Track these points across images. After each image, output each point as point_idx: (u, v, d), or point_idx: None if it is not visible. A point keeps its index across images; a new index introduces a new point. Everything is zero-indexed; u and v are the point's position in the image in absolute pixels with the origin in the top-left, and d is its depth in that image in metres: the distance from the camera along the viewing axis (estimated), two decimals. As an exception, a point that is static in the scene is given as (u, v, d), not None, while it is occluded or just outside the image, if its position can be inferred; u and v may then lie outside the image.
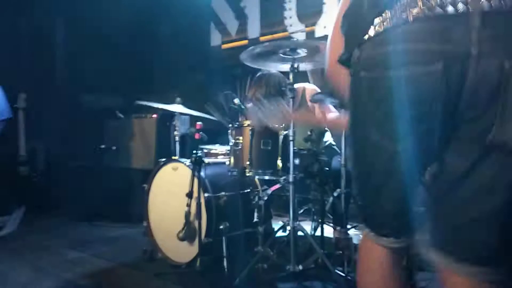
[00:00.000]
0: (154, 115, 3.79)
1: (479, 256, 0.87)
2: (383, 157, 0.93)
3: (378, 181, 0.97)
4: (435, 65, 0.79)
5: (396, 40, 0.85)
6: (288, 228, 2.21)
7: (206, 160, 2.54)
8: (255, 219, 2.40)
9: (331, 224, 2.73)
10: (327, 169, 2.36)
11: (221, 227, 2.32)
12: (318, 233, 2.46)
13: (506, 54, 0.76)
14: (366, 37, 0.90)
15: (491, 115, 0.78)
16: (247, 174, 2.27)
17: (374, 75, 0.90)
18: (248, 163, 2.25)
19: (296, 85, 2.91)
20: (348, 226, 2.42)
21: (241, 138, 2.30)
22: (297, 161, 2.24)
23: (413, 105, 0.84)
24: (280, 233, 2.43)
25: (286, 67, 2.26)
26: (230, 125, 2.38)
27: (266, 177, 2.32)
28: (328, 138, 3.06)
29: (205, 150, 2.99)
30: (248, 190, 2.56)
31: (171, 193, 2.54)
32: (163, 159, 2.64)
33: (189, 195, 2.28)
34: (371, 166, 0.97)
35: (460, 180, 0.85)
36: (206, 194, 2.35)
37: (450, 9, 0.79)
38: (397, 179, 0.92)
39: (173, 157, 2.62)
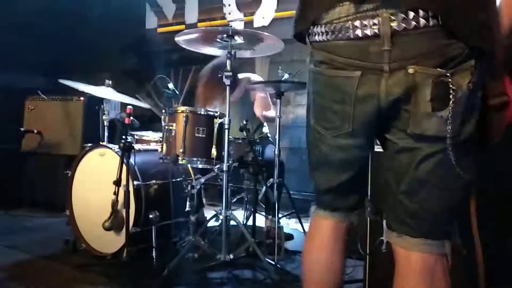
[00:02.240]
0: (82, 98, 3.56)
1: (427, 231, 1.00)
2: (319, 143, 1.11)
3: (315, 161, 1.18)
4: (354, 72, 0.95)
5: (332, 51, 0.99)
6: (221, 217, 2.18)
7: (137, 146, 2.43)
8: (187, 208, 2.35)
9: (263, 213, 2.75)
10: (261, 158, 2.37)
11: (151, 216, 2.24)
12: (250, 222, 2.47)
13: (409, 62, 0.90)
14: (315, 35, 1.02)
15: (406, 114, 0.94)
16: (180, 162, 2.20)
17: (318, 70, 1.05)
18: (181, 150, 2.18)
19: (241, 75, 2.90)
20: (280, 215, 2.45)
21: (174, 124, 2.22)
22: (231, 150, 2.22)
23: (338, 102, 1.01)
24: (212, 223, 2.40)
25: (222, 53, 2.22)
26: (164, 111, 2.29)
27: (200, 166, 2.27)
28: (266, 129, 3.09)
29: (136, 137, 2.87)
30: (181, 179, 2.49)
31: (97, 180, 2.40)
32: (89, 144, 2.49)
33: (117, 183, 2.17)
34: (313, 149, 1.16)
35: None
36: (135, 182, 2.25)
37: (364, 32, 0.91)
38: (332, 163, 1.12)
39: (101, 143, 2.48)
